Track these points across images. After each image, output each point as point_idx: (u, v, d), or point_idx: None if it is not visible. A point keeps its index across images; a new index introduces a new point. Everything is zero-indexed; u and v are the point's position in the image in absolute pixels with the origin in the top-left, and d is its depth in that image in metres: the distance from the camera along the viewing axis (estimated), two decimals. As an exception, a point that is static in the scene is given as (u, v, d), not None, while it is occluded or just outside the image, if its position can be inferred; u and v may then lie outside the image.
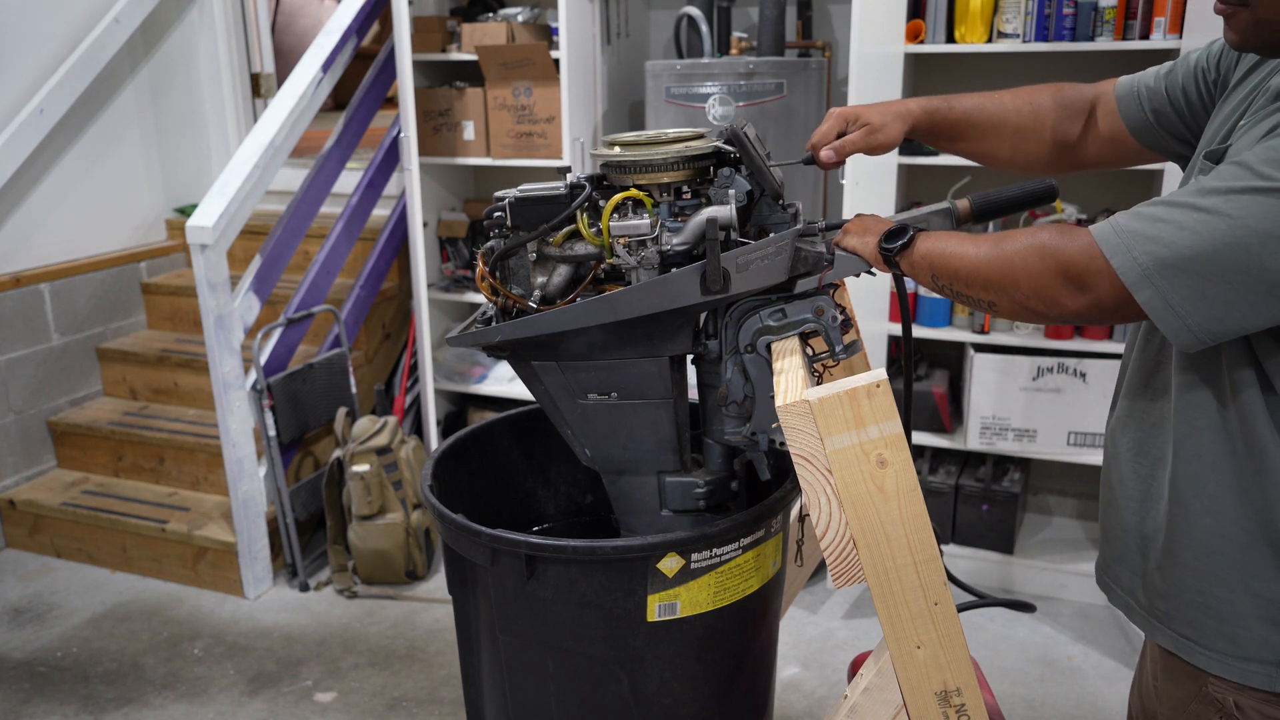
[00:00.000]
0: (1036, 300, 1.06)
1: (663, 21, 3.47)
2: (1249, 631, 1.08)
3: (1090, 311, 1.04)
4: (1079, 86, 1.37)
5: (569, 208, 1.39)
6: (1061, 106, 1.37)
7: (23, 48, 3.35)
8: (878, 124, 1.37)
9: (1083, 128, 1.36)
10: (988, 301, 1.11)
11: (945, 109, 1.40)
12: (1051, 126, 1.37)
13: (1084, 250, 1.02)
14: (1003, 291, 1.09)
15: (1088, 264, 1.01)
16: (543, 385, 1.47)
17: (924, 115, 1.40)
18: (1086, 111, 1.36)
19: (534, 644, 1.45)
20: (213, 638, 2.83)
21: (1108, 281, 1.00)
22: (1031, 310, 1.08)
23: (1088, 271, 1.01)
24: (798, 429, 1.08)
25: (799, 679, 2.58)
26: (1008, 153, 1.41)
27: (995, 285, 1.09)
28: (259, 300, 3.05)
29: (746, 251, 1.31)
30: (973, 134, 1.41)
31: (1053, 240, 1.04)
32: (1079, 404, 2.83)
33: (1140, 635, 2.73)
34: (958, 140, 1.43)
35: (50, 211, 3.52)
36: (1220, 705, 1.12)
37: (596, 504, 1.91)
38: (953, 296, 1.17)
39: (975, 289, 1.12)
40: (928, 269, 1.17)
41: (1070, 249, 1.03)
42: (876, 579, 1.11)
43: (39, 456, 3.49)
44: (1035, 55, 2.89)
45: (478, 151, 3.28)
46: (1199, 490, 1.10)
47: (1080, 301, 1.03)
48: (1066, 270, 1.03)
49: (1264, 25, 1.01)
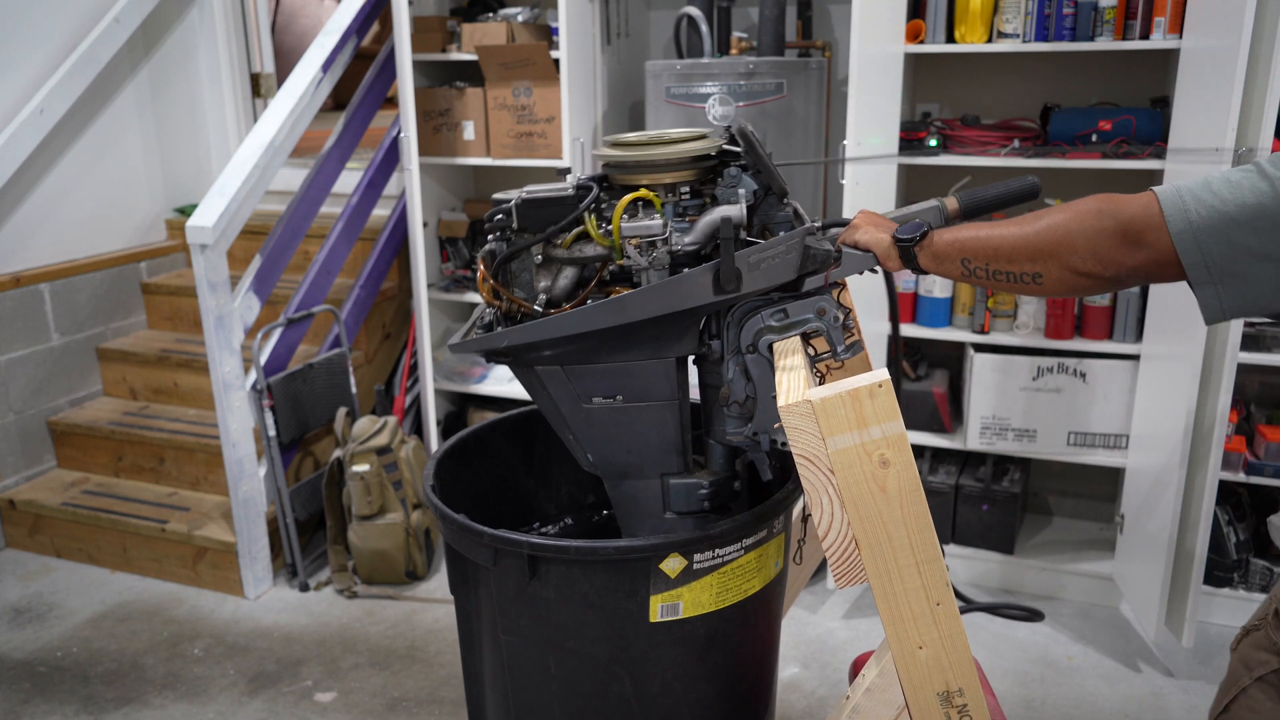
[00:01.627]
0: (1094, 260, 1.10)
1: (663, 21, 3.47)
2: None
3: (1147, 267, 1.08)
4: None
5: (577, 209, 1.38)
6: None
7: (23, 48, 3.35)
8: None
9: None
10: (1033, 274, 1.14)
11: None
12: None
13: (1144, 207, 1.07)
14: (1054, 258, 1.12)
15: (1147, 219, 1.06)
16: (546, 390, 1.46)
17: None
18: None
19: (536, 644, 1.45)
20: (213, 638, 2.83)
21: (1164, 237, 1.05)
22: (1085, 274, 1.11)
23: (1147, 227, 1.06)
24: (800, 429, 1.08)
25: (799, 679, 2.58)
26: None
27: (1046, 253, 1.12)
28: (259, 300, 3.05)
29: (759, 250, 1.30)
30: None
31: (1106, 204, 1.10)
32: (1079, 404, 2.83)
33: (1141, 637, 2.73)
34: None
35: (50, 211, 3.52)
36: None
37: (598, 504, 1.91)
38: (986, 279, 1.19)
39: (1019, 263, 1.14)
40: (957, 254, 1.20)
41: (1129, 207, 1.08)
42: (878, 579, 1.11)
43: (39, 456, 3.49)
44: (1035, 55, 2.90)
45: (478, 151, 3.28)
46: None
47: (1139, 257, 1.07)
48: (1126, 228, 1.07)
49: None
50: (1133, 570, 2.71)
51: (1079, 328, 2.82)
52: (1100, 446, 2.85)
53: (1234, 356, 2.36)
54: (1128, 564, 2.75)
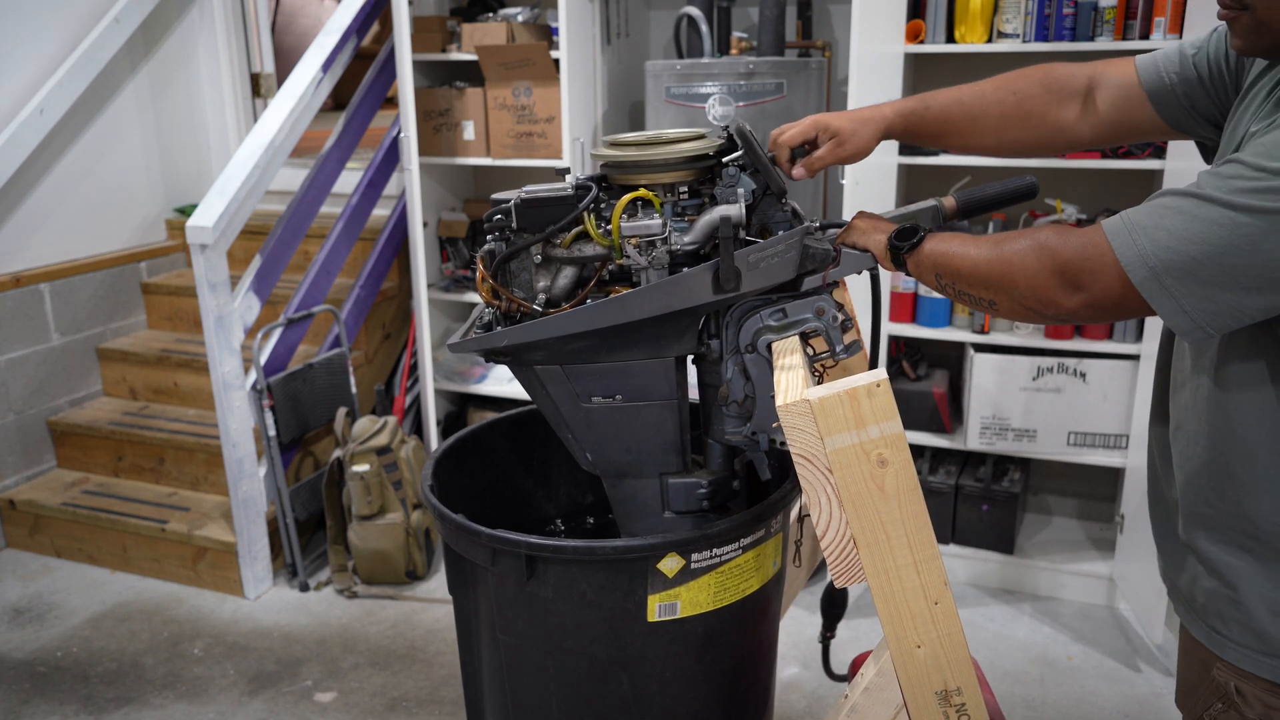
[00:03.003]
0: (1033, 300, 1.07)
1: (663, 21, 3.47)
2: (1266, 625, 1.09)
3: (1085, 311, 1.04)
4: (1069, 67, 1.35)
5: (576, 209, 1.38)
6: (1050, 90, 1.35)
7: (23, 48, 3.35)
8: (846, 134, 1.37)
9: (1079, 110, 1.35)
10: (988, 301, 1.13)
11: (921, 110, 1.40)
12: (1039, 111, 1.36)
13: (1081, 249, 1.02)
14: (1001, 291, 1.10)
15: (1083, 264, 1.02)
16: (545, 389, 1.45)
17: (898, 119, 1.40)
18: (1082, 93, 1.34)
19: (534, 644, 1.45)
20: (213, 638, 2.83)
21: (1106, 278, 1.01)
22: (1029, 309, 1.09)
23: (1084, 271, 1.02)
24: (798, 428, 1.08)
25: (799, 679, 2.58)
26: (993, 142, 1.40)
27: (995, 285, 1.10)
28: (259, 300, 3.05)
29: (758, 249, 1.30)
30: (952, 130, 1.40)
31: (1051, 240, 1.05)
32: (1079, 404, 2.83)
33: (1141, 637, 2.73)
34: (939, 138, 1.43)
35: (50, 211, 3.52)
36: (1223, 690, 1.13)
37: (597, 504, 1.91)
38: (955, 296, 1.18)
39: (976, 288, 1.13)
40: (932, 268, 1.19)
41: (1068, 248, 1.03)
42: (877, 578, 1.11)
43: (39, 456, 3.49)
44: (1035, 55, 2.89)
45: (478, 151, 3.28)
46: None
47: (1075, 300, 1.04)
48: (1063, 270, 1.03)
49: (1265, 28, 1.01)
50: (1133, 570, 2.71)
51: (1079, 328, 2.82)
52: (1100, 446, 2.85)
53: (1234, 356, 2.36)
54: (1128, 564, 2.75)
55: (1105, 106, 1.33)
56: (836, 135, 1.38)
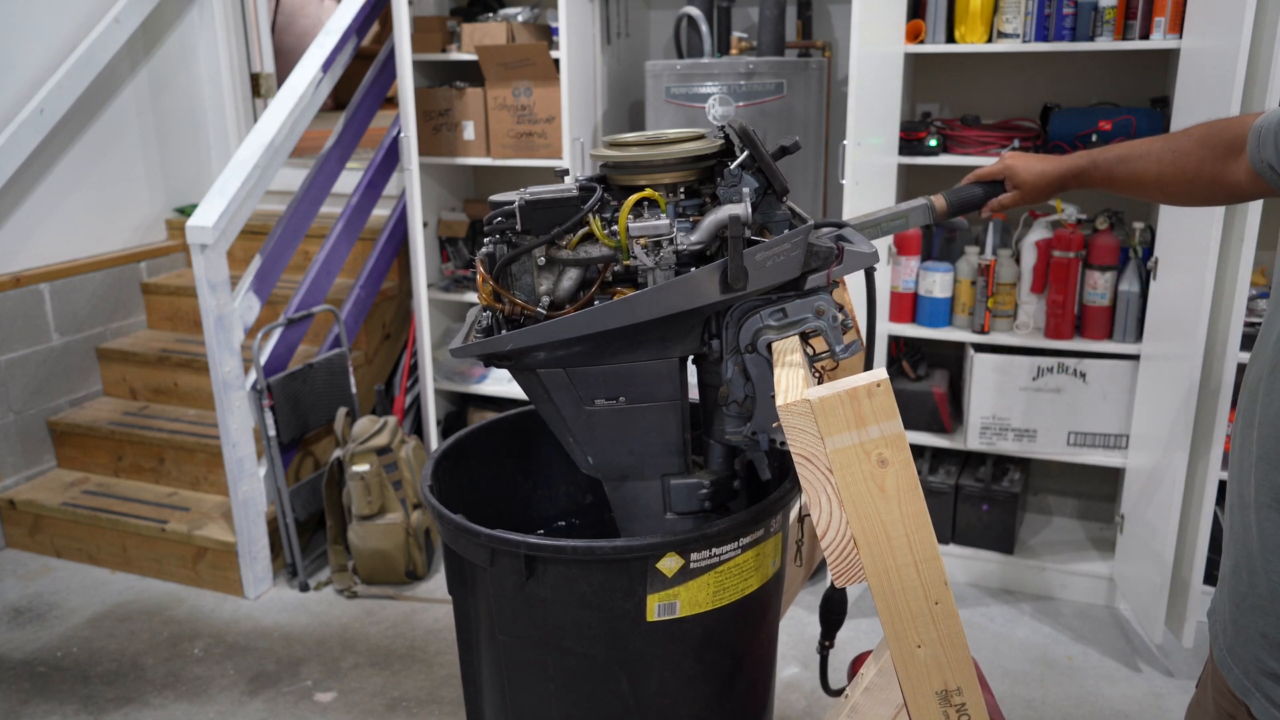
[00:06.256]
0: None
1: (663, 21, 3.47)
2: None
3: None
4: (1228, 122, 1.35)
5: (582, 210, 1.37)
6: (1206, 147, 1.35)
7: (23, 48, 3.35)
8: (1028, 189, 1.58)
9: (1237, 162, 1.32)
10: None
11: (1091, 169, 1.53)
12: (1194, 170, 1.37)
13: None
14: None
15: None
16: (548, 393, 1.43)
17: (1073, 179, 1.56)
18: (1240, 148, 1.31)
19: (533, 644, 1.45)
20: (213, 638, 2.83)
21: None
22: None
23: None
24: (798, 428, 1.08)
25: (799, 679, 2.58)
26: (1160, 198, 1.48)
27: None
28: (259, 300, 3.05)
29: (764, 248, 1.30)
30: (1120, 189, 1.51)
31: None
32: (1079, 404, 2.83)
33: (1141, 637, 2.73)
34: (1110, 192, 1.55)
35: (50, 211, 3.52)
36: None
37: (597, 504, 1.91)
38: None
39: None
40: None
41: None
42: (877, 578, 1.10)
43: (39, 456, 3.49)
44: (1035, 55, 2.90)
45: (478, 151, 3.28)
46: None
47: None
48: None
49: None
50: (1133, 570, 2.71)
51: (1079, 328, 2.82)
52: (1100, 446, 2.85)
53: (1234, 356, 2.36)
54: (1128, 564, 2.75)
55: None
56: (1020, 190, 1.59)
